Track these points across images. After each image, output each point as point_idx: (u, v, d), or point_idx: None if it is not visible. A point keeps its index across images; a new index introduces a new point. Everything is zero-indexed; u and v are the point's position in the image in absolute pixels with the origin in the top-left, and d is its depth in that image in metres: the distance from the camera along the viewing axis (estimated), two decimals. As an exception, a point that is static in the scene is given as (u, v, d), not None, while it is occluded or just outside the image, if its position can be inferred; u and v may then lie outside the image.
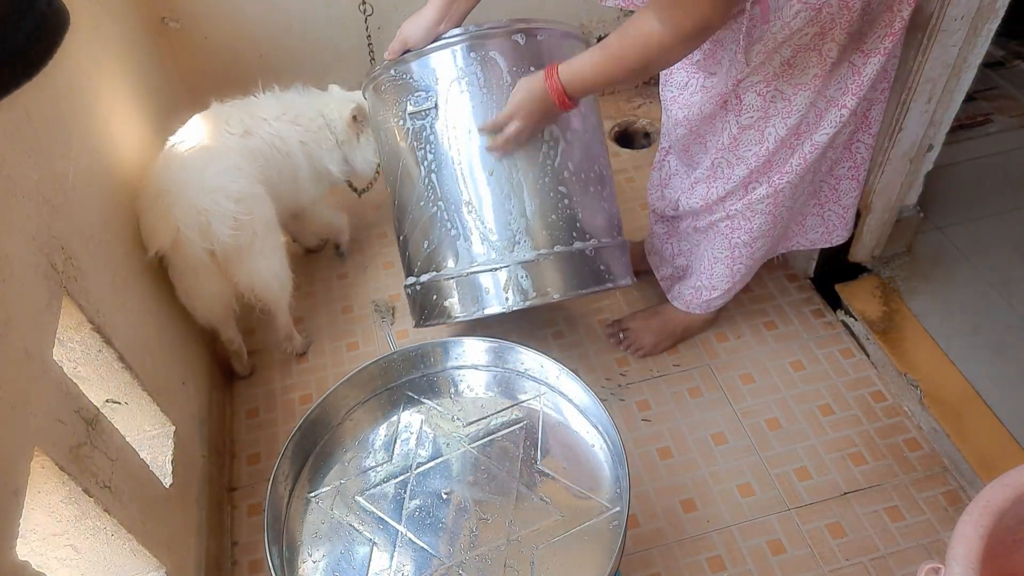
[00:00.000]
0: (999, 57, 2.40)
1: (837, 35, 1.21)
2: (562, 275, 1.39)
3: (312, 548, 1.04)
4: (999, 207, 1.94)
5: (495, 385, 1.22)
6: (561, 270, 1.39)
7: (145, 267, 1.40)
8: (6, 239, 0.91)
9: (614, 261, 1.47)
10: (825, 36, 1.21)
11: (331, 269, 1.99)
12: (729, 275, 1.56)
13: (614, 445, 1.09)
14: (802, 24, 1.18)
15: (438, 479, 1.10)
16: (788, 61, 1.25)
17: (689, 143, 1.47)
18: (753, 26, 1.19)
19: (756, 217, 1.46)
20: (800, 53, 1.24)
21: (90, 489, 0.96)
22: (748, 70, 1.26)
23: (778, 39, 1.20)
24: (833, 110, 1.32)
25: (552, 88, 1.25)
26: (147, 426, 1.30)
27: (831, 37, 1.21)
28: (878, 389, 1.63)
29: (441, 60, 1.37)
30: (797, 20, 1.17)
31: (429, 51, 1.37)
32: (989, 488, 0.86)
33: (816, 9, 1.16)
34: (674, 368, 1.70)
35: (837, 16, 1.18)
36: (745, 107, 1.33)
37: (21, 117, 1.03)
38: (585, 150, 1.44)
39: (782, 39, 1.20)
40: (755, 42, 1.21)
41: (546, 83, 1.26)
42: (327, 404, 1.16)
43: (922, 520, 1.42)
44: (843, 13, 1.18)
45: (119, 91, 1.53)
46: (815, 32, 1.20)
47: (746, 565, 1.39)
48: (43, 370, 0.94)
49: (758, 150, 1.36)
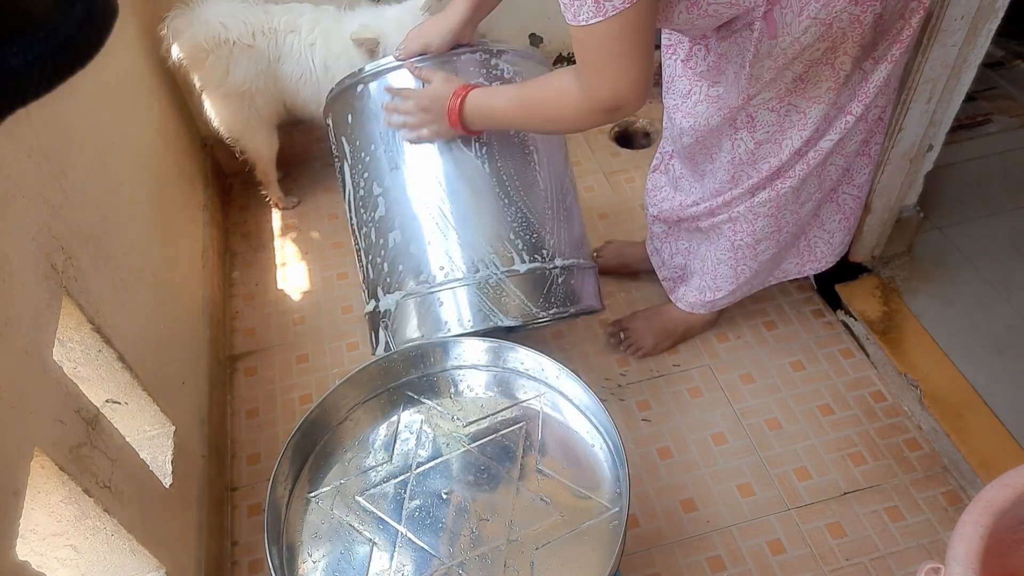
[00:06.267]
0: (999, 57, 2.40)
1: (850, 48, 1.18)
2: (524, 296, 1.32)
3: (312, 548, 1.04)
4: (999, 207, 1.94)
5: (495, 385, 1.22)
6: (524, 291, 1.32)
7: (145, 267, 1.40)
8: (6, 239, 0.91)
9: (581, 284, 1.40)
10: (837, 50, 1.18)
11: (331, 269, 1.99)
12: (733, 276, 1.56)
13: (614, 445, 1.09)
14: (812, 39, 1.15)
15: (438, 479, 1.10)
16: (800, 76, 1.22)
17: (695, 152, 1.44)
18: (760, 41, 1.16)
19: (758, 220, 1.45)
20: (813, 68, 1.21)
21: (90, 489, 0.96)
22: (760, 86, 1.23)
23: (788, 55, 1.17)
24: (841, 117, 1.30)
25: (451, 109, 1.25)
26: (147, 426, 1.30)
27: (843, 51, 1.19)
28: (878, 389, 1.63)
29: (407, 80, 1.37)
30: (807, 36, 1.14)
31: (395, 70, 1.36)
32: (989, 488, 0.86)
33: (827, 24, 1.13)
34: (674, 368, 1.70)
35: (848, 30, 1.15)
36: (758, 124, 1.31)
37: (21, 116, 1.03)
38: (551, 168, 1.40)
39: (792, 55, 1.17)
40: (763, 57, 1.18)
41: (451, 102, 1.25)
42: (327, 404, 1.16)
43: (922, 520, 1.42)
44: (854, 27, 1.15)
45: (119, 90, 1.53)
46: (827, 47, 1.17)
47: (746, 565, 1.39)
48: (43, 370, 0.94)
49: (774, 161, 1.35)
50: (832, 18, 1.12)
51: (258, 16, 1.76)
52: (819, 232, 1.59)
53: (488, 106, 1.25)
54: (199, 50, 1.73)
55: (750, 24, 1.14)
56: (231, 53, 1.75)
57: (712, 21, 1.16)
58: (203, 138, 2.12)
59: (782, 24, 1.13)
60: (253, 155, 2.00)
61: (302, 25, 1.77)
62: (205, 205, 1.97)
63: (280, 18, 1.77)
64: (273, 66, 1.80)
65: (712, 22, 1.17)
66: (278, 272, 2.00)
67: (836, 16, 1.12)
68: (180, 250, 1.68)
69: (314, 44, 1.78)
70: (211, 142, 2.12)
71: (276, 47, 1.78)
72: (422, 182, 1.35)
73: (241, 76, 1.78)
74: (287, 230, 2.11)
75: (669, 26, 1.20)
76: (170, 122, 1.86)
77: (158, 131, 1.73)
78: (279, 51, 1.78)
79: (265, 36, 1.76)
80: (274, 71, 1.81)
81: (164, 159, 1.73)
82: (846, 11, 1.12)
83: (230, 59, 1.75)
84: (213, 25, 1.72)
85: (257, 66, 1.78)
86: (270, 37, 1.77)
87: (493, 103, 1.25)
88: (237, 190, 2.22)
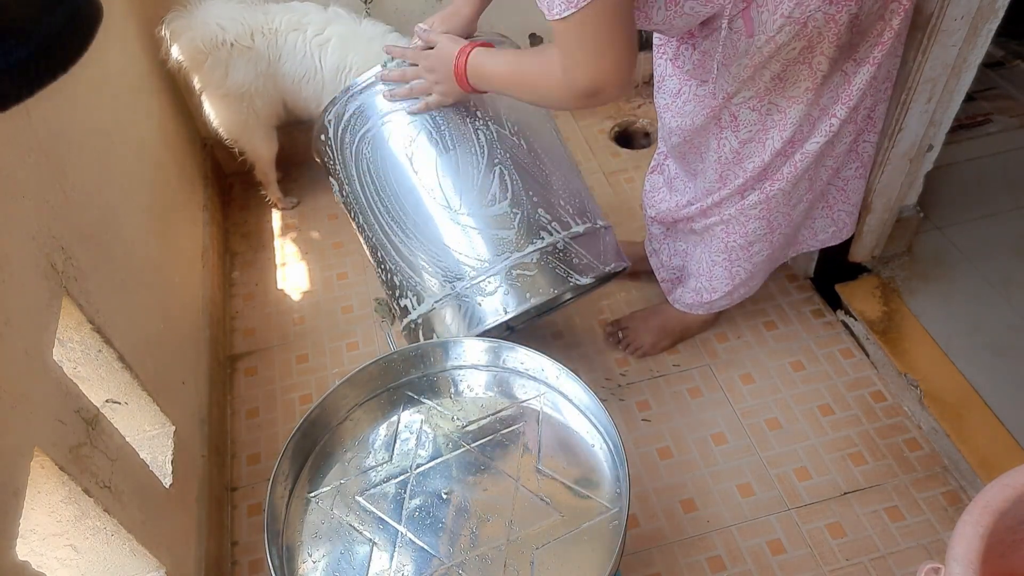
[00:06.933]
0: (999, 57, 2.40)
1: (826, 48, 1.19)
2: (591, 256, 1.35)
3: (312, 548, 1.04)
4: (999, 207, 1.94)
5: (495, 385, 1.22)
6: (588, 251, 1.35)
7: (145, 267, 1.40)
8: (6, 239, 0.91)
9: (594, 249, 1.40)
10: (814, 50, 1.20)
11: (331, 269, 1.99)
12: (728, 277, 1.56)
13: (614, 445, 1.09)
14: (788, 38, 1.16)
15: (438, 479, 1.10)
16: (778, 75, 1.24)
17: (685, 151, 1.46)
18: (738, 39, 1.18)
19: (750, 222, 1.46)
20: (790, 67, 1.22)
21: (90, 489, 0.96)
22: (738, 84, 1.25)
23: (764, 53, 1.19)
24: (824, 119, 1.31)
25: (458, 67, 1.25)
26: (147, 426, 1.30)
27: (820, 51, 1.20)
28: (878, 389, 1.63)
29: None
30: (782, 35, 1.15)
31: None
32: (989, 488, 0.86)
33: (801, 23, 1.14)
34: (674, 368, 1.70)
35: (824, 29, 1.16)
36: (741, 123, 1.32)
37: (21, 116, 1.03)
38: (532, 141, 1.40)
39: (768, 53, 1.19)
40: (741, 55, 1.20)
41: (456, 59, 1.25)
42: (327, 404, 1.16)
43: (922, 520, 1.42)
44: (830, 26, 1.16)
45: (119, 90, 1.53)
46: (803, 46, 1.18)
47: (746, 565, 1.39)
48: (43, 370, 0.94)
49: (758, 161, 1.36)
50: (806, 17, 1.13)
51: (257, 17, 1.76)
52: (807, 233, 1.61)
53: (485, 66, 1.24)
54: (198, 52, 1.73)
55: (727, 23, 1.16)
56: (230, 55, 1.75)
57: (689, 20, 1.18)
58: (203, 138, 2.12)
59: (758, 22, 1.15)
60: (252, 156, 2.00)
61: (308, 24, 1.76)
62: (205, 205, 1.97)
63: (280, 18, 1.76)
64: (273, 66, 1.80)
65: (690, 21, 1.18)
66: (278, 272, 2.00)
67: (810, 15, 1.13)
68: (180, 250, 1.68)
69: (323, 45, 1.76)
70: (211, 142, 2.12)
71: (276, 47, 1.77)
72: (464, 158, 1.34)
73: (240, 78, 1.78)
74: (287, 230, 2.11)
75: (649, 26, 1.21)
76: (170, 122, 1.86)
77: (158, 131, 1.73)
78: (279, 51, 1.78)
79: (265, 37, 1.76)
80: (274, 71, 1.80)
81: (164, 159, 1.72)
82: (820, 10, 1.13)
83: (229, 61, 1.75)
84: (211, 27, 1.72)
85: (256, 67, 1.78)
86: (270, 38, 1.76)
87: (489, 65, 1.24)
88: (237, 190, 2.22)
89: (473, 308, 1.32)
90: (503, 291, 1.31)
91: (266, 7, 1.78)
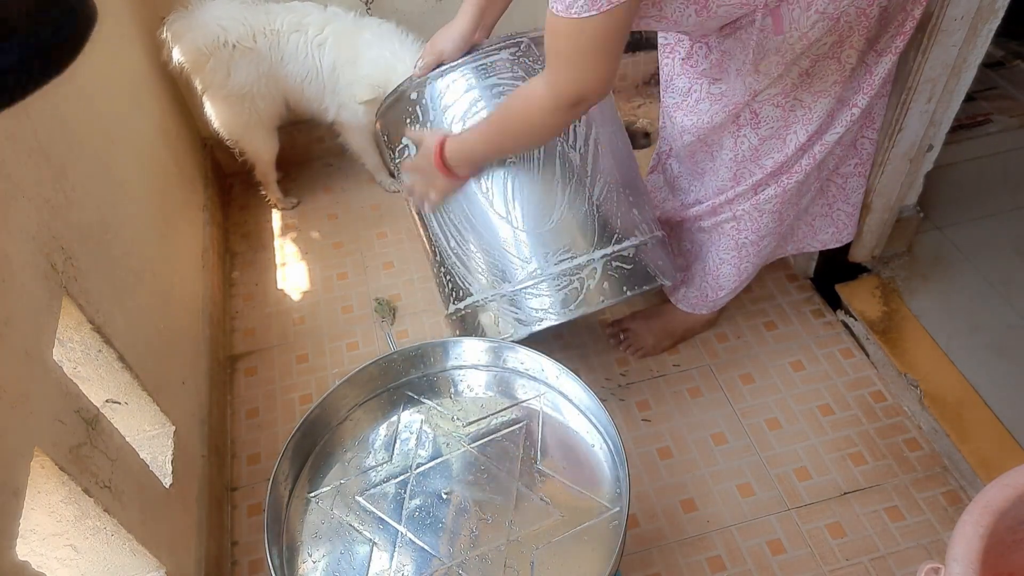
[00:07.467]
0: (999, 57, 2.40)
1: (856, 42, 1.19)
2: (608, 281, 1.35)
3: (312, 548, 1.04)
4: (999, 207, 1.94)
5: (495, 385, 1.22)
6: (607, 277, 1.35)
7: (145, 267, 1.40)
8: (6, 239, 0.91)
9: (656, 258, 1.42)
10: (843, 44, 1.20)
11: (331, 269, 1.99)
12: (736, 274, 1.56)
13: (614, 445, 1.09)
14: (820, 34, 1.16)
15: (438, 479, 1.10)
16: (807, 71, 1.23)
17: (696, 150, 1.45)
18: (766, 37, 1.17)
19: (763, 217, 1.45)
20: (819, 62, 1.22)
21: (90, 489, 0.96)
22: (767, 82, 1.24)
23: (796, 50, 1.18)
24: (845, 110, 1.32)
25: (437, 162, 1.27)
26: (147, 426, 1.30)
27: (850, 44, 1.20)
28: (878, 389, 1.63)
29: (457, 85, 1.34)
30: (815, 30, 1.15)
31: None
32: (989, 488, 0.86)
33: (834, 19, 1.14)
34: (674, 368, 1.70)
35: (855, 24, 1.16)
36: (763, 120, 1.32)
37: (22, 116, 1.03)
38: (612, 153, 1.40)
39: (800, 50, 1.18)
40: (770, 53, 1.19)
41: (435, 156, 1.27)
42: (327, 404, 1.16)
43: (922, 520, 1.42)
44: (861, 20, 1.16)
45: (120, 90, 1.53)
46: (834, 41, 1.18)
47: (746, 565, 1.39)
48: (43, 370, 0.94)
49: (778, 156, 1.36)
50: (840, 12, 1.13)
51: (259, 17, 1.76)
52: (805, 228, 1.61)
53: (464, 142, 1.26)
54: (199, 54, 1.73)
55: (756, 21, 1.15)
56: (232, 56, 1.75)
57: (720, 21, 1.17)
58: (203, 138, 2.12)
59: (789, 20, 1.14)
60: (253, 156, 2.00)
61: (308, 25, 1.77)
62: (205, 205, 1.97)
63: (282, 18, 1.76)
64: (275, 67, 1.80)
65: (720, 22, 1.18)
66: (278, 272, 2.00)
67: (843, 10, 1.13)
68: (180, 250, 1.68)
69: (322, 45, 1.77)
70: (211, 142, 2.12)
71: (278, 48, 1.77)
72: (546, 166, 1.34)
73: (242, 79, 1.78)
74: (287, 230, 2.11)
75: (677, 29, 1.21)
76: (170, 122, 1.86)
77: (158, 131, 1.73)
78: (282, 52, 1.78)
79: (267, 38, 1.76)
80: (276, 72, 1.80)
81: (164, 159, 1.73)
82: (853, 5, 1.13)
83: (231, 62, 1.75)
84: (213, 28, 1.72)
85: (259, 68, 1.78)
86: (271, 38, 1.77)
87: (467, 139, 1.26)
88: (237, 190, 2.22)
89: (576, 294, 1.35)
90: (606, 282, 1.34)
91: (267, 7, 1.78)
